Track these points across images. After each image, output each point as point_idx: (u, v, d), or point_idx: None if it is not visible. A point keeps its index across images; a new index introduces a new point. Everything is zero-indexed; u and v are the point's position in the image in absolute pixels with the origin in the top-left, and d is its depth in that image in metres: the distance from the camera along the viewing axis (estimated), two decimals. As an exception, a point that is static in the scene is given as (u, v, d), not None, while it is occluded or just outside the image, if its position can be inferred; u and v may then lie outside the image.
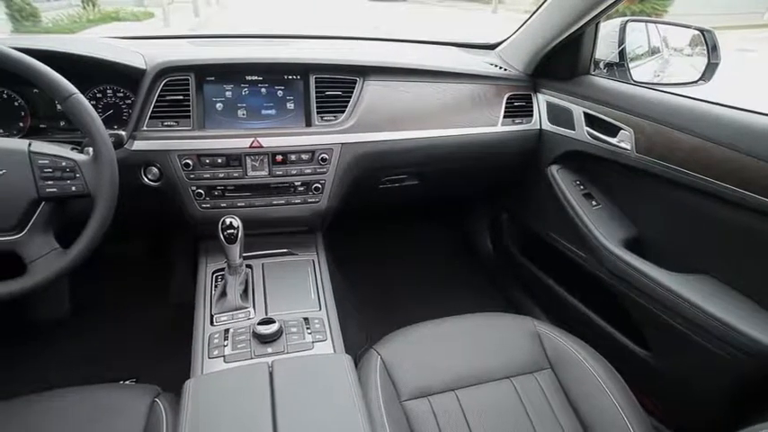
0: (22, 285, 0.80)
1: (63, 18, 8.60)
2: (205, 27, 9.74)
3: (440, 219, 2.14)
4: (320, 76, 1.12)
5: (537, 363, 0.97)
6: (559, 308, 1.49)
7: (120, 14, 9.69)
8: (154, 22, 9.48)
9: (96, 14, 9.41)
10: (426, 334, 1.02)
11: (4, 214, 0.78)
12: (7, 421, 0.79)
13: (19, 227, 0.79)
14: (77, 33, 6.33)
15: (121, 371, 1.36)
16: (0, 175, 0.76)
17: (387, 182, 1.30)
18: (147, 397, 0.83)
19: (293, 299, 1.00)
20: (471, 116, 1.27)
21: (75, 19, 8.74)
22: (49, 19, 8.31)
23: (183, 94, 1.04)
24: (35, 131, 1.09)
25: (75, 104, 0.79)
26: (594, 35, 1.22)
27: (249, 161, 1.05)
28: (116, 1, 10.50)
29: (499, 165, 1.44)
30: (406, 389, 0.89)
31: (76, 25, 8.27)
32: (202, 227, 1.10)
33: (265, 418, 0.72)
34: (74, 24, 8.30)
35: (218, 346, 0.87)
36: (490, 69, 1.34)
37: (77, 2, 10.06)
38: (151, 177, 1.04)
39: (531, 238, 1.60)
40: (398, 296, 1.75)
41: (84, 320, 1.58)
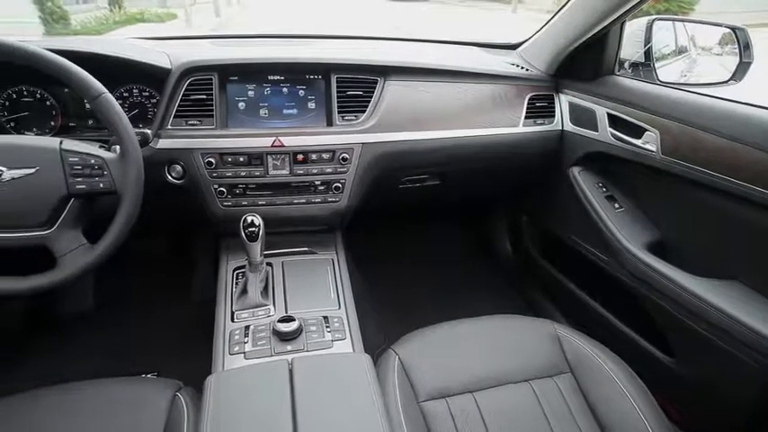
0: (52, 279, 0.82)
1: (91, 20, 8.85)
2: (226, 27, 9.88)
3: (459, 219, 2.13)
4: (341, 75, 1.12)
5: (556, 366, 0.96)
6: (579, 311, 1.46)
7: (144, 16, 9.92)
8: (177, 23, 9.67)
9: (122, 16, 9.65)
10: (445, 335, 1.01)
11: (36, 210, 0.80)
12: (32, 411, 0.81)
13: (50, 222, 0.81)
14: (104, 35, 6.50)
15: (143, 365, 1.38)
16: (34, 172, 0.79)
17: (407, 182, 1.30)
18: (168, 391, 0.85)
19: (313, 297, 1.00)
20: (492, 117, 1.26)
21: (102, 21, 8.98)
22: (77, 21, 8.56)
23: (207, 94, 1.06)
24: (65, 130, 1.12)
25: (103, 103, 0.81)
26: (620, 35, 1.19)
27: (271, 160, 1.06)
28: (140, 3, 10.75)
29: (520, 166, 1.43)
30: (424, 389, 0.89)
31: (103, 27, 8.49)
32: (224, 224, 1.11)
33: (285, 416, 0.72)
34: (101, 26, 8.53)
35: (239, 342, 0.88)
36: (512, 69, 1.33)
37: (104, 4, 10.35)
38: (175, 175, 1.06)
39: (551, 240, 1.58)
40: (416, 296, 1.75)
41: (108, 315, 1.62)
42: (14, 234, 0.80)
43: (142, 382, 0.90)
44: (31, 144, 0.81)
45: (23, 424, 0.79)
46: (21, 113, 1.09)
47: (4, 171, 0.77)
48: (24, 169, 0.78)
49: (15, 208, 0.79)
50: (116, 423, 0.79)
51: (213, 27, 9.53)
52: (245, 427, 0.71)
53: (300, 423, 0.71)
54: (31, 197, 0.79)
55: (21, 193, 0.78)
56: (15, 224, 0.80)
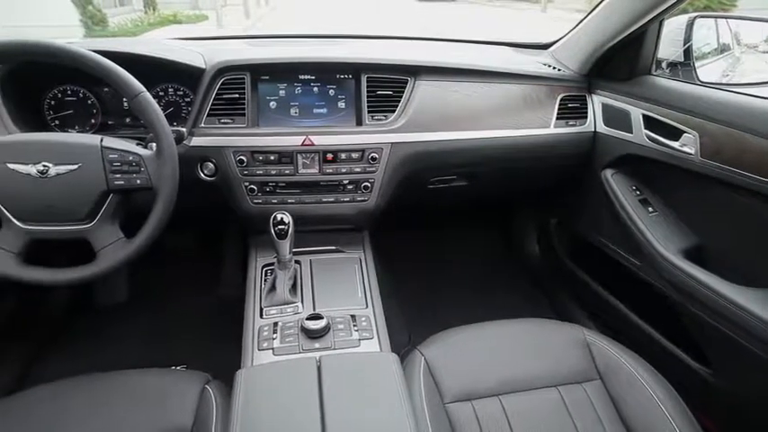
0: (92, 271, 0.85)
1: (127, 22, 9.16)
2: (256, 28, 10.05)
3: (486, 221, 2.10)
4: (372, 75, 1.13)
5: (585, 373, 0.93)
6: (609, 316, 1.43)
7: (176, 17, 10.21)
8: (208, 24, 9.90)
9: (156, 18, 9.95)
10: (471, 337, 1.00)
11: (78, 204, 0.83)
12: (69, 398, 0.84)
13: (90, 216, 0.85)
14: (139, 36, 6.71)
15: (172, 356, 1.41)
16: (76, 168, 0.82)
17: (435, 182, 1.29)
18: (197, 383, 0.86)
19: (340, 296, 1.01)
20: (523, 117, 1.24)
21: (138, 23, 9.28)
22: (114, 23, 8.88)
23: (239, 93, 1.08)
24: (104, 127, 1.17)
25: (142, 102, 0.84)
26: (657, 33, 1.16)
27: (300, 159, 1.07)
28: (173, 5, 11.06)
29: (550, 167, 1.40)
30: (450, 391, 0.89)
31: (138, 28, 8.78)
32: (253, 222, 1.13)
33: (314, 413, 0.73)
34: (136, 28, 8.82)
35: (268, 338, 0.89)
36: (543, 69, 1.30)
37: (140, 7, 10.69)
38: (207, 173, 1.09)
39: (580, 243, 1.54)
40: (441, 297, 1.74)
41: (139, 307, 1.67)
42: (59, 227, 0.84)
43: (172, 373, 0.93)
44: (74, 141, 0.84)
45: (60, 411, 0.82)
46: (65, 112, 1.14)
47: (50, 167, 0.81)
48: (68, 165, 0.82)
49: (60, 202, 0.82)
50: (148, 413, 0.81)
51: (243, 28, 9.72)
52: (275, 422, 0.72)
53: (328, 421, 0.71)
54: (73, 192, 0.83)
55: (65, 188, 0.82)
56: (60, 218, 0.83)
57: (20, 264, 0.83)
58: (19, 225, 0.82)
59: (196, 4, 12.26)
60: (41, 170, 0.80)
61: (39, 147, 0.82)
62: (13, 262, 0.83)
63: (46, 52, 0.80)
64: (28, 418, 0.80)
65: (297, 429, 0.71)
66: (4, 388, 1.31)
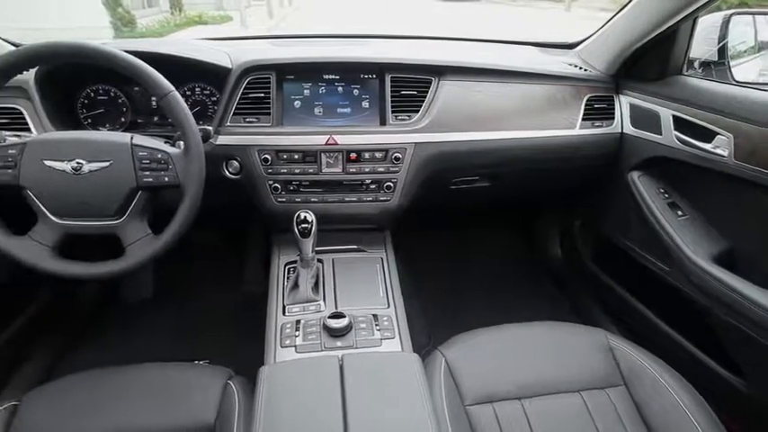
0: (121, 266, 0.87)
1: (154, 24, 9.38)
2: (279, 28, 10.16)
3: (508, 222, 2.08)
4: (396, 75, 1.12)
5: (609, 378, 0.91)
6: (633, 321, 1.40)
7: (202, 18, 10.40)
8: (232, 25, 10.05)
9: (182, 19, 10.16)
10: (492, 339, 1.00)
11: (109, 200, 0.85)
12: (97, 388, 0.87)
13: (120, 213, 0.87)
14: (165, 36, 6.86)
15: (195, 352, 1.43)
16: (108, 165, 0.84)
17: (458, 182, 1.29)
18: (220, 379, 0.88)
19: (362, 295, 1.01)
20: (548, 118, 1.22)
21: (164, 24, 9.50)
22: (142, 25, 9.10)
23: (265, 92, 1.09)
24: (133, 126, 1.20)
25: (171, 101, 0.85)
26: (691, 32, 1.13)
27: (324, 158, 1.08)
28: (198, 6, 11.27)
29: (575, 169, 1.38)
30: (470, 393, 0.88)
31: (165, 29, 8.98)
32: (277, 220, 1.14)
33: (336, 411, 0.73)
34: (162, 28, 9.03)
35: (290, 336, 0.90)
36: (569, 69, 1.28)
37: (166, 8, 10.93)
38: (232, 171, 1.10)
39: (605, 246, 1.51)
40: (462, 298, 1.73)
41: (163, 302, 1.71)
42: (90, 223, 0.86)
43: (196, 368, 0.94)
44: (106, 139, 0.86)
45: (90, 400, 0.84)
46: (97, 111, 1.17)
47: (83, 164, 0.83)
48: (100, 162, 0.84)
49: (92, 198, 0.85)
50: (172, 406, 0.83)
51: (267, 27, 9.84)
52: (297, 418, 0.73)
53: (350, 419, 0.72)
54: (105, 188, 0.85)
55: (97, 185, 0.84)
56: (91, 213, 0.86)
57: (54, 257, 0.86)
58: (54, 220, 0.85)
59: (221, 4, 12.49)
60: (75, 167, 0.83)
61: (73, 144, 0.85)
62: (49, 255, 0.86)
63: (82, 53, 0.83)
64: (60, 405, 0.83)
65: (319, 427, 0.72)
66: (38, 377, 1.36)
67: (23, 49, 0.81)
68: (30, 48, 0.81)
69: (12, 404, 0.82)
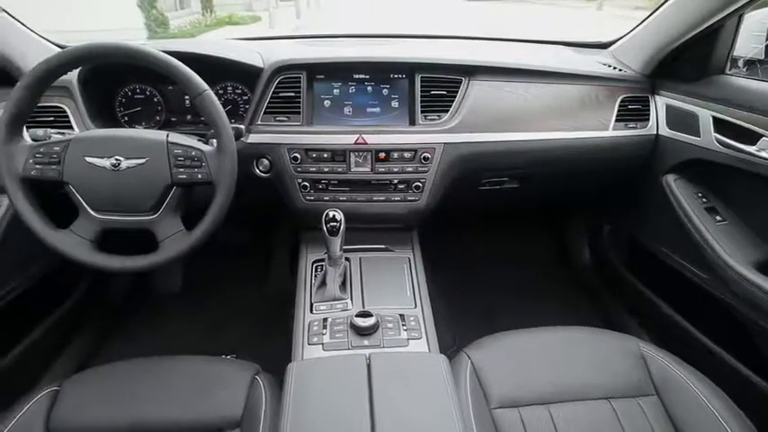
0: (156, 260, 0.90)
1: (186, 24, 9.61)
2: (306, 28, 10.27)
3: (536, 224, 2.05)
4: (426, 75, 1.12)
5: (640, 387, 0.89)
6: (667, 330, 1.35)
7: (231, 19, 10.60)
8: (261, 25, 10.21)
9: (212, 20, 10.38)
10: (519, 342, 0.98)
11: (145, 196, 0.88)
12: (129, 378, 0.89)
13: (155, 208, 0.89)
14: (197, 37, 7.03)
15: (222, 346, 1.46)
16: (144, 162, 0.87)
17: (486, 183, 1.27)
18: (248, 373, 0.89)
19: (389, 294, 1.01)
20: (580, 119, 1.20)
21: (196, 24, 9.73)
22: (174, 26, 9.34)
23: (295, 91, 1.11)
24: (167, 124, 1.23)
25: (205, 100, 0.87)
26: (735, 29, 1.08)
27: (353, 157, 1.09)
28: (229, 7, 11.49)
29: (607, 171, 1.35)
30: (496, 396, 0.87)
31: (196, 30, 9.20)
32: (305, 218, 1.15)
33: (363, 409, 0.74)
34: (194, 29, 9.25)
35: (317, 333, 0.91)
36: (603, 69, 1.25)
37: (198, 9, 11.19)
38: (262, 169, 1.12)
39: (637, 251, 1.47)
40: (487, 300, 1.71)
41: (191, 297, 1.75)
42: (127, 218, 0.89)
43: (224, 362, 0.96)
44: (143, 137, 0.89)
45: (123, 389, 0.87)
46: (134, 109, 1.21)
47: (122, 160, 0.86)
48: (137, 159, 0.87)
49: (129, 194, 0.87)
50: (201, 399, 0.85)
51: (294, 27, 9.97)
52: (325, 415, 0.74)
53: (378, 418, 0.72)
54: (141, 184, 0.87)
55: (134, 181, 0.87)
56: (128, 208, 0.88)
57: (94, 251, 0.89)
58: (94, 215, 0.88)
59: (250, 5, 12.71)
60: (114, 163, 0.86)
61: (113, 141, 0.88)
62: (88, 248, 0.89)
63: (122, 53, 0.85)
64: (96, 392, 0.86)
65: (346, 425, 0.72)
66: (75, 364, 1.41)
67: (70, 50, 0.84)
68: (75, 49, 0.84)
69: (53, 389, 0.85)
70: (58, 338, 1.42)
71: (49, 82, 0.86)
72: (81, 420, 0.81)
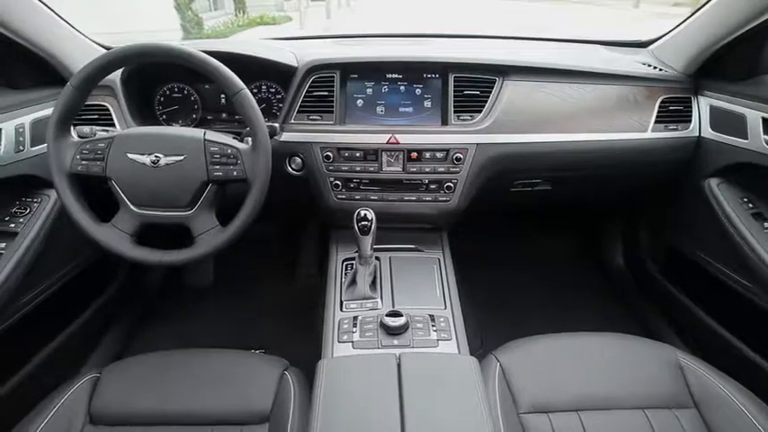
0: (191, 255, 0.92)
1: (219, 25, 9.83)
2: (336, 28, 10.34)
3: (567, 227, 2.01)
4: (459, 75, 1.11)
5: (677, 398, 0.86)
6: (705, 339, 1.30)
7: (263, 19, 10.77)
8: (292, 25, 10.35)
9: (244, 20, 10.57)
10: (550, 347, 0.96)
11: (182, 192, 0.90)
12: (162, 369, 0.92)
13: (191, 204, 0.91)
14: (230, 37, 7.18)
15: (251, 340, 1.49)
16: (182, 159, 0.89)
17: (518, 185, 1.25)
18: (277, 369, 0.90)
19: (419, 295, 1.01)
20: (617, 120, 1.17)
21: (229, 25, 9.93)
22: (208, 26, 9.56)
23: (328, 91, 1.12)
24: (203, 122, 1.26)
25: (242, 98, 0.89)
26: None
27: (385, 157, 1.09)
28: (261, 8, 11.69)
29: (644, 174, 1.31)
30: (525, 401, 0.85)
31: (228, 30, 9.39)
32: (336, 217, 1.16)
33: (393, 408, 0.74)
34: (227, 29, 9.44)
35: (347, 331, 0.91)
36: (642, 69, 1.22)
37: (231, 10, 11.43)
38: (294, 167, 1.13)
39: (674, 256, 1.42)
40: (516, 303, 1.69)
41: (221, 291, 1.78)
42: (165, 213, 0.92)
43: (253, 356, 0.98)
44: (181, 134, 0.91)
45: (157, 378, 0.90)
46: (171, 107, 1.25)
47: (161, 157, 0.89)
48: (176, 156, 0.89)
49: (168, 190, 0.90)
50: (231, 392, 0.86)
51: (324, 28, 10.05)
52: (355, 413, 0.74)
53: (407, 418, 0.72)
54: (178, 181, 0.90)
55: (172, 177, 0.89)
56: (166, 204, 0.91)
57: (134, 245, 0.92)
58: (134, 209, 0.91)
59: (281, 6, 12.90)
60: (154, 160, 0.88)
61: (153, 139, 0.90)
62: (129, 242, 0.92)
63: (163, 53, 0.88)
64: (133, 381, 0.89)
65: (376, 423, 0.72)
66: (113, 353, 1.47)
67: (116, 51, 0.87)
68: (121, 50, 0.87)
69: (94, 376, 0.89)
70: (96, 328, 1.48)
71: (97, 82, 0.89)
72: (120, 406, 0.84)
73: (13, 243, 1.01)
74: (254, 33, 8.11)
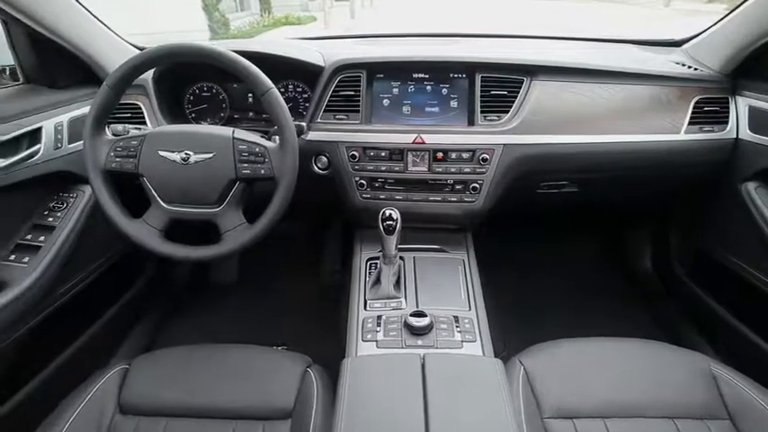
0: (218, 251, 0.94)
1: (245, 25, 10.00)
2: (359, 28, 10.38)
3: (593, 229, 1.97)
4: (486, 75, 1.10)
5: (710, 409, 0.83)
6: (739, 348, 1.26)
7: (288, 19, 10.90)
8: (316, 25, 10.45)
9: (270, 21, 10.72)
10: (575, 351, 0.95)
11: (210, 190, 0.92)
12: (188, 362, 0.94)
13: (219, 202, 0.93)
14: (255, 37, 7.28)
15: (273, 337, 1.50)
16: (211, 156, 0.91)
17: (545, 187, 1.24)
18: (300, 366, 0.91)
19: (443, 295, 1.00)
20: (649, 122, 1.14)
21: (254, 25, 10.09)
22: (234, 27, 9.73)
23: (355, 90, 1.12)
24: (230, 120, 1.28)
25: (271, 97, 0.90)
26: None
27: (411, 156, 1.09)
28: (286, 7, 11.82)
29: (676, 177, 1.27)
30: (549, 406, 0.84)
31: (254, 30, 9.54)
32: (360, 216, 1.16)
33: (417, 408, 0.74)
34: (253, 30, 9.60)
35: (371, 330, 0.92)
36: (675, 69, 1.18)
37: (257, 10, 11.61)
38: (320, 166, 1.14)
39: (705, 261, 1.38)
40: (539, 305, 1.66)
41: (245, 288, 1.81)
42: (193, 209, 0.93)
43: (277, 353, 0.99)
44: (211, 132, 0.93)
45: (183, 371, 0.92)
46: (200, 106, 1.27)
47: (191, 155, 0.90)
48: (205, 154, 0.91)
49: (197, 187, 0.91)
50: (254, 387, 0.88)
51: (348, 27, 10.11)
52: (380, 412, 0.74)
53: (432, 419, 0.72)
54: (207, 178, 0.91)
55: (201, 174, 0.91)
56: (195, 201, 0.93)
57: (164, 240, 0.95)
58: (164, 205, 0.93)
59: (306, 6, 13.03)
60: (184, 157, 0.90)
61: (183, 136, 0.92)
62: (158, 238, 0.94)
63: (194, 53, 0.90)
64: (161, 373, 0.91)
65: (401, 423, 0.72)
66: (141, 346, 1.51)
67: (150, 51, 0.90)
68: (154, 50, 0.90)
69: (124, 367, 0.92)
70: (125, 321, 1.52)
71: (131, 81, 0.92)
72: (148, 398, 0.87)
73: (51, 236, 1.05)
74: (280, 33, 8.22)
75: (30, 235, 1.05)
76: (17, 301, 0.95)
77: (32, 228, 1.07)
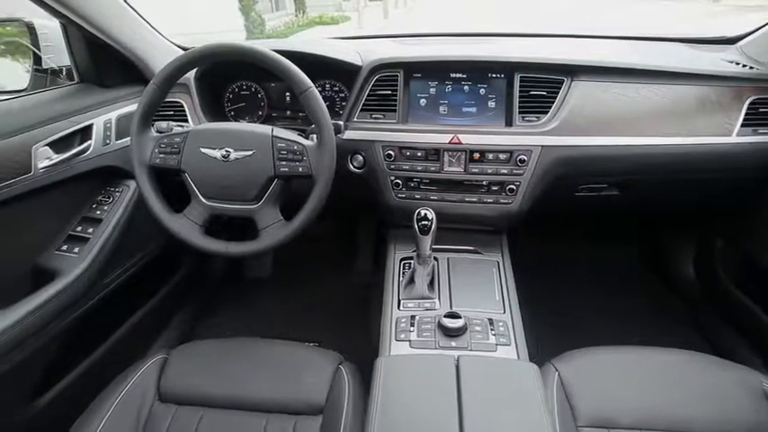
0: (256, 247, 0.96)
1: (280, 25, 10.18)
2: (391, 28, 10.37)
3: (633, 234, 1.91)
4: (526, 75, 1.08)
5: (763, 429, 0.79)
6: None
7: (322, 19, 11.04)
8: (350, 24, 10.53)
9: (304, 20, 10.87)
10: (613, 358, 0.92)
11: (249, 186, 0.94)
12: (223, 355, 0.96)
13: (257, 198, 0.95)
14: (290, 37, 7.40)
15: (305, 333, 1.52)
16: (251, 154, 0.93)
17: (584, 189, 1.20)
18: (332, 362, 0.92)
19: (477, 297, 0.99)
20: (697, 123, 1.09)
21: (289, 25, 10.26)
22: (269, 27, 9.92)
23: (392, 90, 1.12)
24: (268, 119, 1.30)
25: (310, 96, 0.91)
26: None
27: (447, 157, 1.08)
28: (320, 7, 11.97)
29: (725, 181, 1.21)
30: (584, 414, 0.82)
31: (289, 30, 9.70)
32: (395, 215, 1.16)
33: (452, 410, 0.73)
34: (288, 30, 9.76)
35: (405, 330, 0.91)
36: (728, 68, 1.13)
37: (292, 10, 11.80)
38: (356, 165, 1.15)
39: (754, 270, 1.31)
40: (576, 310, 1.62)
41: (278, 283, 1.85)
42: (232, 205, 0.96)
43: (309, 349, 1.00)
44: (251, 130, 0.95)
45: (219, 363, 0.94)
46: (239, 104, 1.30)
47: (231, 152, 0.93)
48: (245, 151, 0.93)
49: (237, 184, 0.94)
50: (287, 382, 0.89)
51: (381, 27, 10.13)
52: (414, 413, 0.74)
53: (466, 421, 0.71)
54: (247, 175, 0.93)
55: (241, 171, 0.93)
56: (234, 197, 0.95)
57: (203, 235, 0.97)
58: (204, 201, 0.96)
59: (340, 6, 13.15)
60: (224, 154, 0.93)
61: (224, 134, 0.95)
62: (197, 232, 0.97)
63: (236, 53, 0.92)
64: (198, 363, 0.94)
65: (435, 424, 0.72)
66: (178, 337, 1.56)
67: (194, 51, 0.92)
68: (198, 50, 0.92)
69: (163, 357, 0.95)
70: (164, 312, 1.57)
71: (176, 80, 0.95)
72: (185, 387, 0.90)
73: (98, 229, 1.10)
74: (314, 33, 8.33)
75: (80, 227, 1.10)
76: (67, 290, 1.00)
77: (82, 220, 1.12)
